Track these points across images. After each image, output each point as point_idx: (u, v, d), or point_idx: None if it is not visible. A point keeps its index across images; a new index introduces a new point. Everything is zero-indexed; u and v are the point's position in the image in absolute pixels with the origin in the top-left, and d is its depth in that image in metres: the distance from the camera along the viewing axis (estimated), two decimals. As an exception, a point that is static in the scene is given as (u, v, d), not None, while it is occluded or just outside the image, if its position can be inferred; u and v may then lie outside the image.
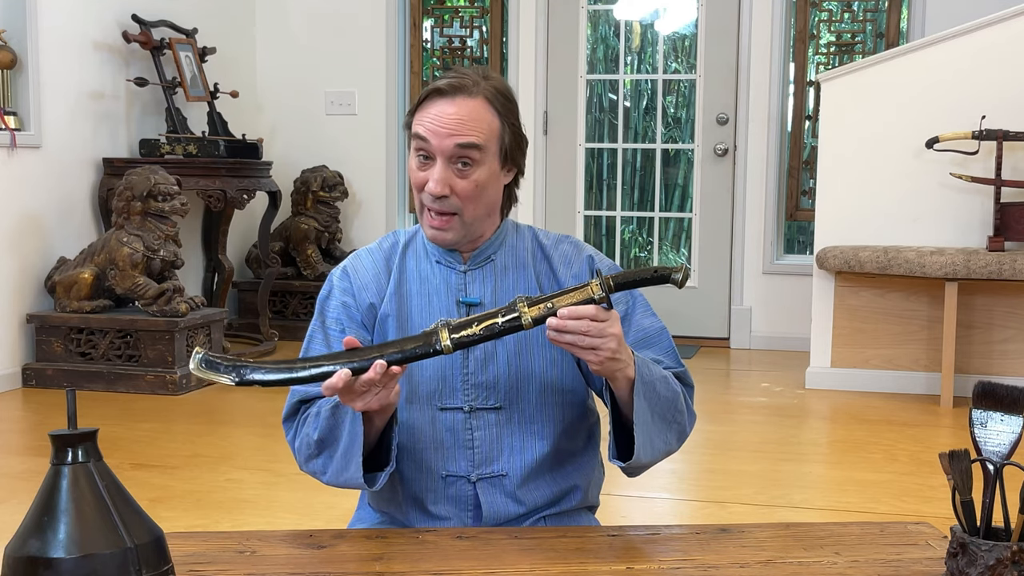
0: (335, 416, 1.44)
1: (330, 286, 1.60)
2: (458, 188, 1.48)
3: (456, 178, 1.48)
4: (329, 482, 1.49)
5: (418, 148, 1.49)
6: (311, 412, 1.51)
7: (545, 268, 1.59)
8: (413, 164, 1.51)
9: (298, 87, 6.17)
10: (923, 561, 1.29)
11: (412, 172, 1.52)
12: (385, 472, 1.45)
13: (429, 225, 1.52)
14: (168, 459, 3.44)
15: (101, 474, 1.06)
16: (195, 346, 3.80)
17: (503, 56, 6.12)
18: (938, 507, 2.89)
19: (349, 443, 1.43)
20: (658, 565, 1.29)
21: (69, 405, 1.07)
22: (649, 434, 1.44)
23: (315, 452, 1.49)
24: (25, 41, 4.53)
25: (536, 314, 1.34)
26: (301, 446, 1.51)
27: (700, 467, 3.42)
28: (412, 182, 1.53)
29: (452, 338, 1.34)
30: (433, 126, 1.47)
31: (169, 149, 5.10)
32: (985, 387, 1.22)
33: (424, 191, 1.50)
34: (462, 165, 1.48)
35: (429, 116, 1.48)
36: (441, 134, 1.46)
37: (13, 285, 4.50)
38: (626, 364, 1.39)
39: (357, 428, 1.41)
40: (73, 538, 1.01)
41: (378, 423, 1.43)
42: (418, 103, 1.51)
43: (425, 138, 1.47)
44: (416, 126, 1.50)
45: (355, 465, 1.43)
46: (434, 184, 1.47)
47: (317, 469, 1.50)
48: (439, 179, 1.47)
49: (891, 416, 4.11)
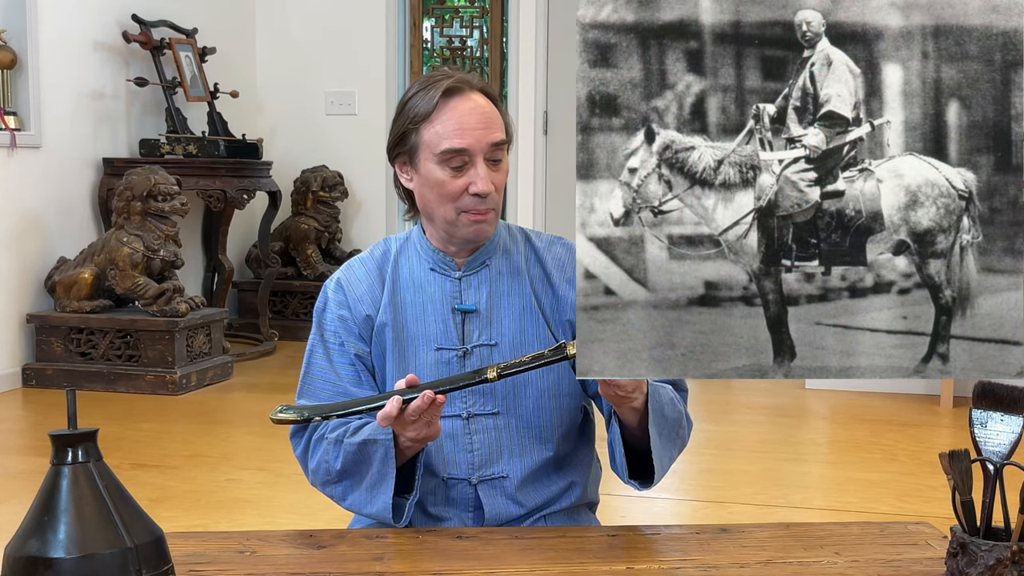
0: (363, 451, 1.45)
1: (325, 298, 1.58)
2: (496, 182, 1.49)
3: (493, 173, 1.48)
4: (349, 508, 1.51)
5: (450, 157, 1.45)
6: (326, 436, 1.50)
7: (539, 273, 1.58)
8: (443, 175, 1.46)
9: (298, 87, 6.17)
10: (923, 561, 1.29)
11: (442, 185, 1.46)
12: (410, 504, 1.46)
13: (472, 222, 1.49)
14: (168, 459, 3.44)
15: (101, 474, 1.06)
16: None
17: (503, 56, 6.12)
18: (938, 507, 2.89)
19: (378, 479, 1.44)
20: (658, 565, 1.29)
21: (69, 405, 1.07)
22: (660, 458, 1.46)
23: (335, 480, 1.50)
24: (25, 41, 4.53)
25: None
26: (318, 470, 1.51)
27: (700, 467, 3.42)
28: (441, 195, 1.47)
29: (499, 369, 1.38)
30: (467, 126, 1.45)
31: (169, 149, 5.10)
32: (985, 387, 1.22)
33: (463, 197, 1.47)
34: (494, 161, 1.48)
35: (457, 118, 1.45)
36: (477, 132, 1.45)
37: (13, 285, 4.50)
38: (636, 398, 1.40)
39: (388, 468, 1.43)
40: (73, 538, 1.01)
41: (408, 455, 1.46)
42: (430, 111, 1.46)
43: (462, 147, 1.44)
44: (444, 137, 1.45)
45: (382, 502, 1.44)
46: (483, 184, 1.45)
47: (336, 495, 1.51)
48: (485, 177, 1.46)
49: (891, 416, 4.11)
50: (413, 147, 1.49)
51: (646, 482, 1.48)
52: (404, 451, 1.44)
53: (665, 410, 1.45)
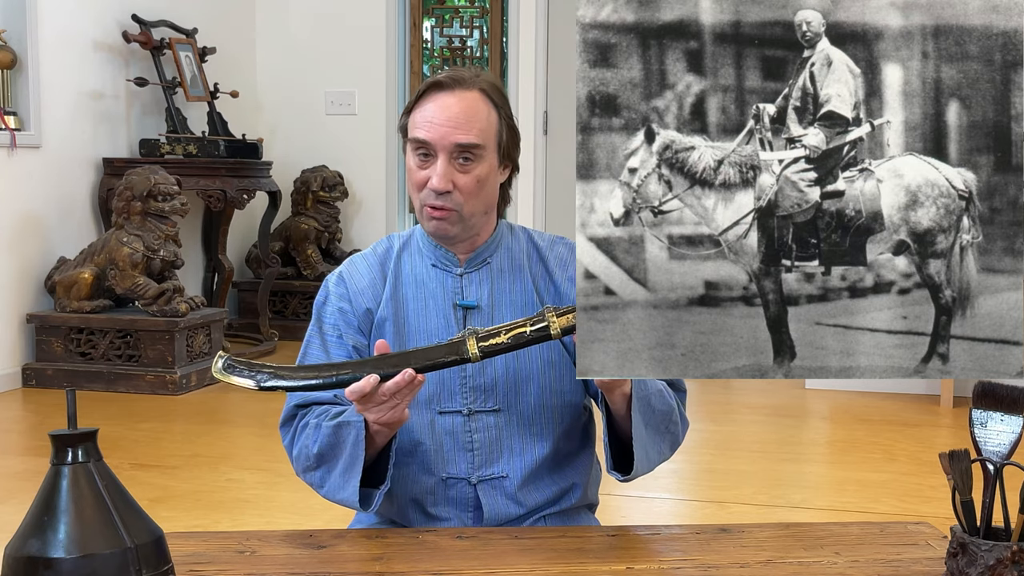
0: (337, 434, 1.44)
1: (326, 292, 1.59)
2: (460, 183, 1.47)
3: (458, 173, 1.47)
4: (325, 496, 1.49)
5: (418, 147, 1.48)
6: (310, 422, 1.50)
7: (541, 271, 1.59)
8: (412, 163, 1.50)
9: (298, 87, 6.17)
10: (923, 561, 1.29)
11: (411, 172, 1.50)
12: (380, 492, 1.45)
13: (430, 217, 1.50)
14: (168, 459, 3.44)
15: (101, 474, 1.06)
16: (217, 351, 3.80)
17: (503, 56, 6.12)
18: (938, 507, 2.89)
19: (349, 463, 1.43)
20: (658, 565, 1.29)
21: (69, 405, 1.07)
22: (645, 448, 1.44)
23: (313, 465, 1.49)
24: (25, 41, 4.53)
25: (565, 324, 1.34)
26: (300, 456, 1.51)
27: (700, 467, 3.42)
28: (411, 182, 1.51)
29: (480, 347, 1.34)
30: (436, 120, 1.46)
31: (169, 149, 5.10)
32: (985, 387, 1.22)
33: (425, 188, 1.48)
34: (463, 160, 1.47)
35: (430, 111, 1.47)
36: (443, 129, 1.46)
37: (13, 285, 4.50)
38: (623, 381, 1.40)
39: (359, 451, 1.40)
40: (73, 538, 1.01)
41: (379, 442, 1.43)
42: (415, 99, 1.50)
43: (424, 139, 1.46)
44: (415, 125, 1.48)
45: (352, 487, 1.42)
46: (437, 179, 1.46)
47: (314, 482, 1.50)
48: (441, 174, 1.46)
49: (891, 416, 4.11)
50: (403, 131, 1.53)
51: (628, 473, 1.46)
52: (374, 436, 1.41)
53: (652, 400, 1.45)
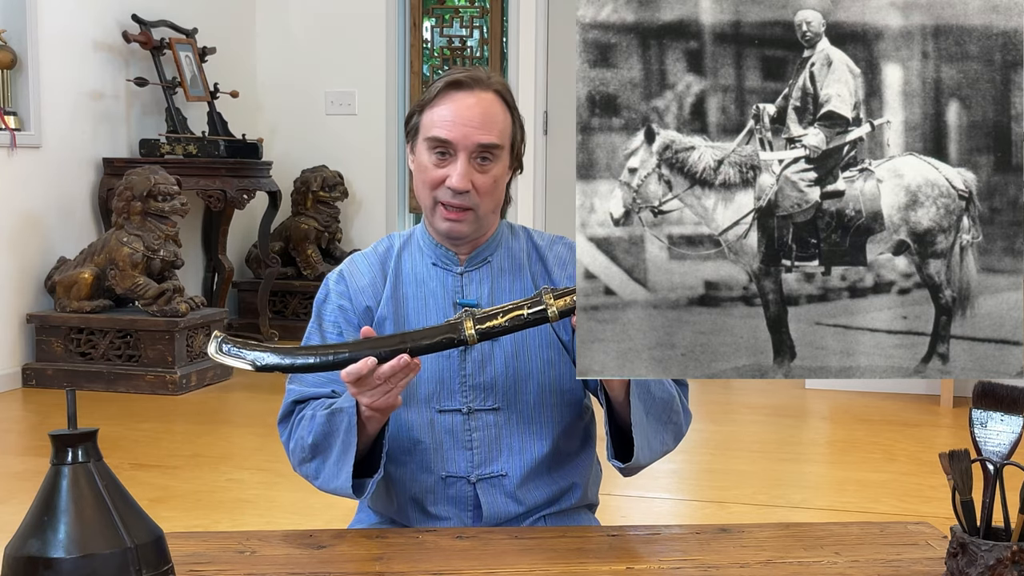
0: (330, 423, 1.44)
1: (326, 290, 1.59)
2: (478, 183, 1.48)
3: (476, 173, 1.48)
4: (321, 487, 1.49)
5: (436, 145, 1.48)
6: (306, 415, 1.51)
7: (540, 270, 1.59)
8: (428, 161, 1.49)
9: (298, 87, 6.17)
10: (923, 561, 1.29)
11: (426, 170, 1.49)
12: (373, 480, 1.45)
13: (445, 218, 1.50)
14: (168, 459, 3.44)
15: (101, 474, 1.06)
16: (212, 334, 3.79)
17: (503, 56, 6.12)
18: (938, 507, 2.89)
19: (342, 452, 1.43)
20: (658, 565, 1.29)
21: (69, 405, 1.07)
22: (646, 435, 1.44)
23: (308, 456, 1.49)
24: (25, 41, 4.53)
25: (562, 306, 1.34)
26: (295, 448, 1.51)
27: (700, 467, 3.42)
28: (423, 181, 1.50)
29: (477, 328, 1.34)
30: (457, 120, 1.46)
31: (169, 149, 5.10)
32: (985, 387, 1.22)
33: (441, 187, 1.48)
34: (482, 160, 1.48)
35: (450, 110, 1.47)
36: (465, 129, 1.46)
37: (13, 285, 4.50)
38: None
39: (351, 438, 1.41)
40: (73, 538, 1.01)
41: (371, 430, 1.43)
42: (432, 97, 1.49)
43: (446, 138, 1.46)
44: (434, 124, 1.48)
45: (345, 475, 1.43)
46: (458, 179, 1.46)
47: (310, 473, 1.50)
48: (462, 173, 1.46)
49: (891, 416, 4.11)
50: (414, 128, 1.52)
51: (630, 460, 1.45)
52: (366, 423, 1.41)
53: (651, 386, 1.45)
